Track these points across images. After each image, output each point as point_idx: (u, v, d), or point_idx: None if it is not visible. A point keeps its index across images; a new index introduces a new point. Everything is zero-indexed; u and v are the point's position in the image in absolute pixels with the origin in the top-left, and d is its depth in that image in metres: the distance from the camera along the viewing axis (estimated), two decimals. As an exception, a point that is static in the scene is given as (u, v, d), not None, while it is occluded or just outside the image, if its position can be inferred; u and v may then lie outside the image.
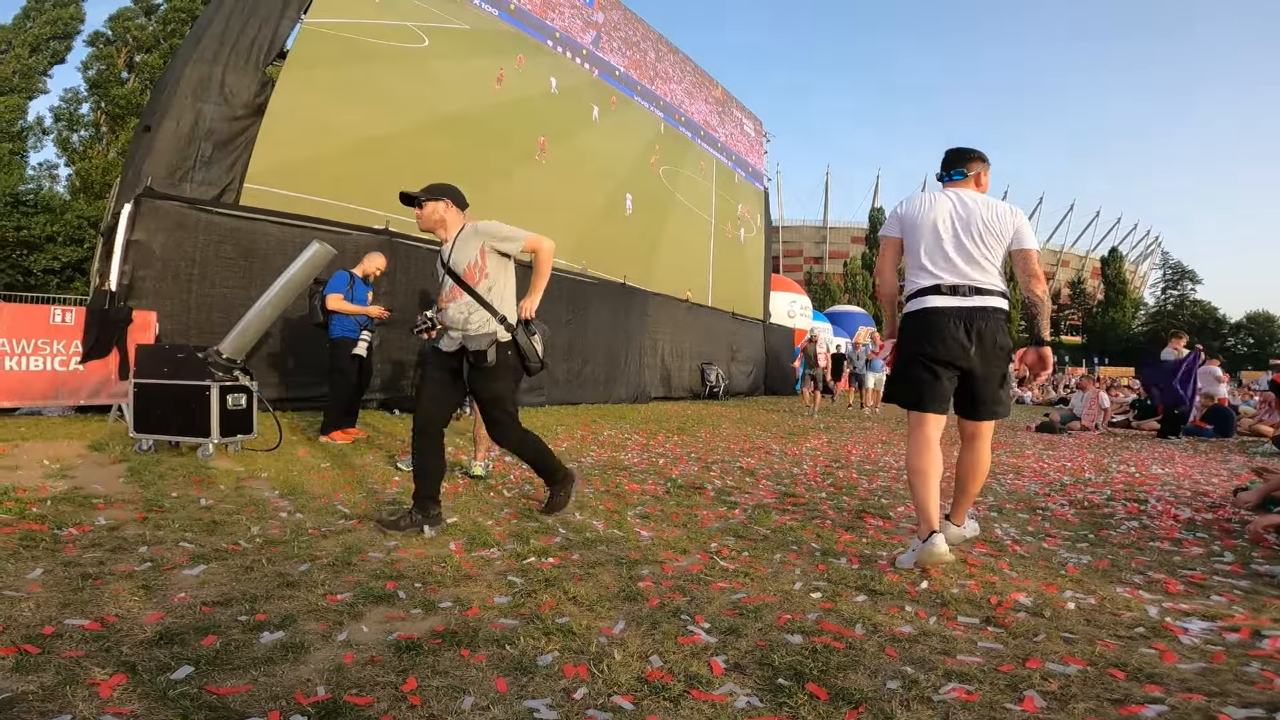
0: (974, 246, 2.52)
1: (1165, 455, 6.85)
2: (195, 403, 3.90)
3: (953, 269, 2.53)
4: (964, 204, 2.56)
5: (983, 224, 2.52)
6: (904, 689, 1.50)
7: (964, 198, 2.59)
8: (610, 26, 12.03)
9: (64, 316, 4.94)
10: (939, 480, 2.55)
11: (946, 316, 2.51)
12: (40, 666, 1.47)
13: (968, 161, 2.70)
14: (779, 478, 4.50)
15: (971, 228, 2.53)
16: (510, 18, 9.54)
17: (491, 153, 8.83)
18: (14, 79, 21.97)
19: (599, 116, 11.01)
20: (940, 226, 2.56)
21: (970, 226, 2.53)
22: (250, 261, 5.99)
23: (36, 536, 2.36)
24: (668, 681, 1.51)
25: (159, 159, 5.74)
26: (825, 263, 54.17)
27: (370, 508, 3.13)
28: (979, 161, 2.71)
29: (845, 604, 2.05)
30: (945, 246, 2.55)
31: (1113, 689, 1.52)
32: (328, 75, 6.95)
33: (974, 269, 2.52)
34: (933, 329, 2.53)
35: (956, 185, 2.67)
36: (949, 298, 2.52)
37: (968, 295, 2.51)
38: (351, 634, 1.72)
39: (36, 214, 18.82)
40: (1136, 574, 2.45)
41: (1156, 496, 4.12)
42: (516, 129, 9.35)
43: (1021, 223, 2.58)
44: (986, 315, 2.50)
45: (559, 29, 10.54)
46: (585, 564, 2.39)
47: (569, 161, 10.17)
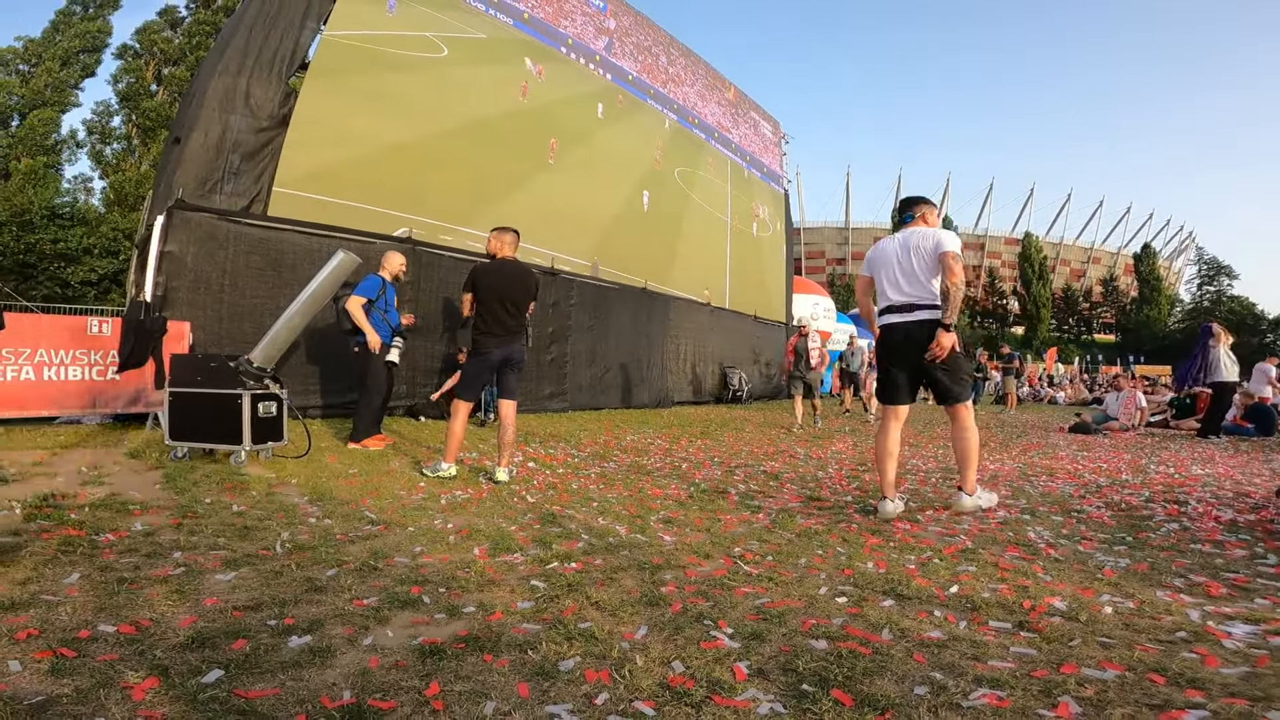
0: (914, 268, 3.32)
1: (1205, 455, 6.62)
2: (228, 411, 3.99)
3: (899, 291, 3.37)
4: (907, 239, 3.40)
5: (917, 249, 3.33)
6: (932, 694, 1.46)
7: (908, 235, 3.41)
8: (622, 32, 12.08)
9: (101, 327, 5.09)
10: (896, 457, 3.43)
11: (895, 330, 3.39)
12: (75, 670, 1.50)
13: (914, 206, 3.55)
14: (803, 481, 4.45)
15: (911, 254, 3.34)
16: (524, 26, 9.65)
17: (511, 158, 8.93)
18: (46, 92, 22.52)
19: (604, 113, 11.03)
20: (893, 260, 3.41)
21: (910, 254, 3.35)
22: (279, 271, 6.13)
23: (74, 542, 2.43)
24: (690, 687, 1.49)
25: (189, 171, 5.89)
26: (848, 264, 53.58)
27: (396, 513, 3.17)
28: (923, 204, 3.55)
29: (872, 609, 2.01)
30: (895, 273, 3.39)
31: (1152, 694, 1.47)
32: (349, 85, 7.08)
33: (914, 287, 3.32)
34: (887, 343, 3.44)
35: (908, 226, 3.48)
36: (897, 315, 3.38)
37: (910, 311, 3.33)
38: (377, 638, 1.74)
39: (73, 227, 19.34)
40: (1177, 577, 2.37)
41: (1197, 498, 3.98)
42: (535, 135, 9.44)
43: (941, 235, 3.33)
44: (924, 326, 3.27)
45: (572, 36, 10.62)
46: (608, 569, 2.39)
47: (582, 162, 10.24)
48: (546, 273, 8.58)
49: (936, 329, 3.20)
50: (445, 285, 7.30)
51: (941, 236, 3.31)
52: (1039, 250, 52.23)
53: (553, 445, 5.79)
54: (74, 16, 23.77)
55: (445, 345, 7.42)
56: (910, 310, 3.33)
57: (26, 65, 23.19)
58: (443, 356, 7.36)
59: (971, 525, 3.18)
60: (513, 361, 4.15)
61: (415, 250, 7.08)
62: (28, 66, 23.17)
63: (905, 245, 3.37)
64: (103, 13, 24.18)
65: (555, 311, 8.89)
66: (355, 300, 4.92)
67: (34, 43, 23.37)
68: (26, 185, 20.37)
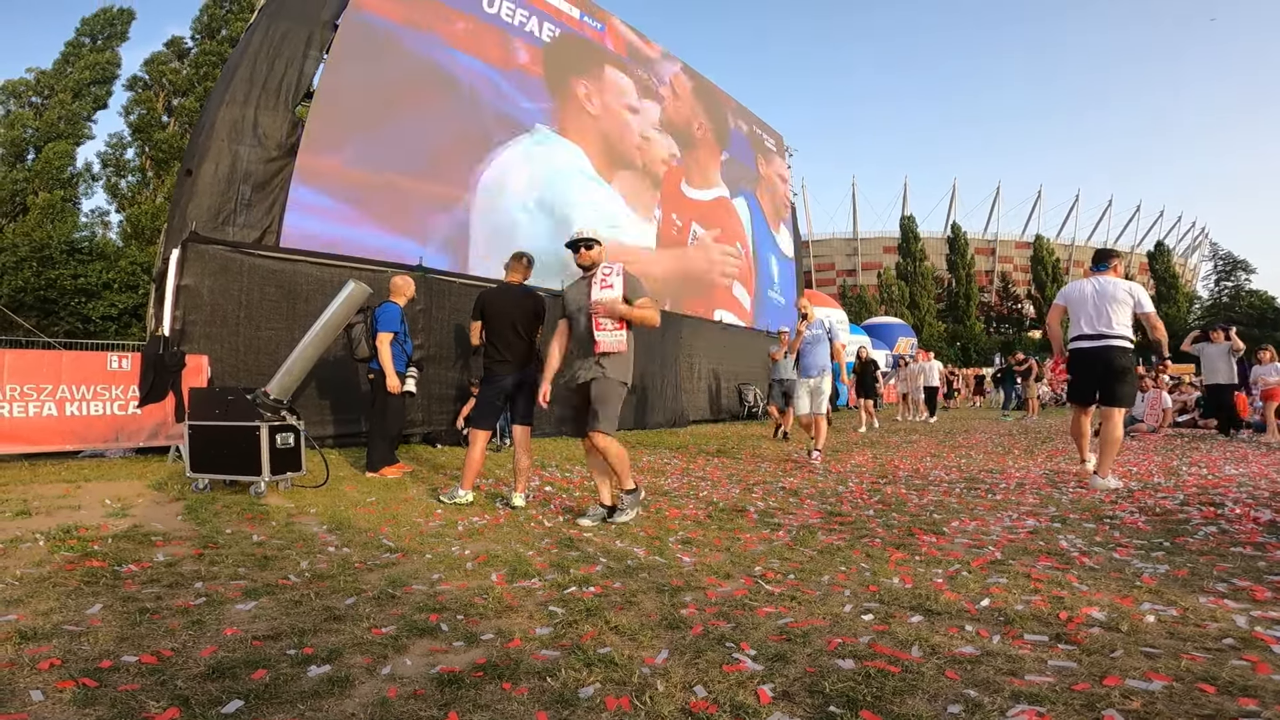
0: (1105, 310, 4.53)
1: (1238, 454, 6.43)
2: (246, 443, 4.02)
3: (1091, 325, 4.58)
4: (1101, 287, 4.60)
5: (1111, 297, 4.53)
6: (967, 713, 1.40)
7: (1103, 282, 4.61)
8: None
9: (120, 362, 5.18)
10: (1087, 435, 4.87)
11: (1086, 353, 4.60)
12: (97, 699, 1.50)
13: (1109, 258, 4.82)
14: (823, 496, 4.37)
15: (1104, 299, 4.55)
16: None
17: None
18: (60, 125, 22.74)
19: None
20: (1089, 300, 4.62)
21: (1103, 299, 4.55)
22: (293, 303, 6.20)
23: (97, 573, 2.44)
24: (712, 712, 1.45)
25: (201, 203, 5.99)
26: (859, 275, 53.42)
27: (414, 541, 3.15)
28: (1115, 257, 4.85)
29: (899, 625, 1.95)
30: (1090, 310, 4.59)
31: (1203, 704, 1.40)
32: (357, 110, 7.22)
33: (1103, 323, 4.53)
34: (1079, 360, 4.65)
35: (1103, 274, 4.68)
36: (1088, 341, 4.59)
37: (1098, 340, 4.54)
38: (395, 667, 1.72)
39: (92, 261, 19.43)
40: (1219, 582, 2.28)
41: (1233, 499, 3.86)
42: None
43: (1139, 294, 4.54)
44: (1108, 349, 4.50)
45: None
46: (627, 592, 2.35)
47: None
48: (556, 295, 8.61)
49: (1115, 353, 4.46)
50: (456, 312, 7.35)
51: (1139, 295, 4.52)
52: (1051, 253, 51.75)
53: (569, 469, 5.76)
54: (83, 48, 24.04)
55: (459, 372, 7.45)
56: (1099, 339, 4.53)
57: (39, 97, 23.51)
58: (456, 384, 7.38)
59: (1000, 536, 3.10)
60: (525, 387, 4.15)
61: (426, 278, 7.15)
62: (40, 99, 23.49)
63: (1100, 291, 4.57)
64: (111, 44, 24.41)
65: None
66: (385, 337, 4.86)
67: (45, 74, 23.65)
68: (45, 220, 20.55)
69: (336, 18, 7.18)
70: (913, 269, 49.51)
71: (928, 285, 49.32)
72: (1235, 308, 43.81)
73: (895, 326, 27.36)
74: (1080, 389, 4.71)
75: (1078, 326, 4.67)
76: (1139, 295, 4.51)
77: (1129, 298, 4.49)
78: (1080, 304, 4.65)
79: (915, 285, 48.89)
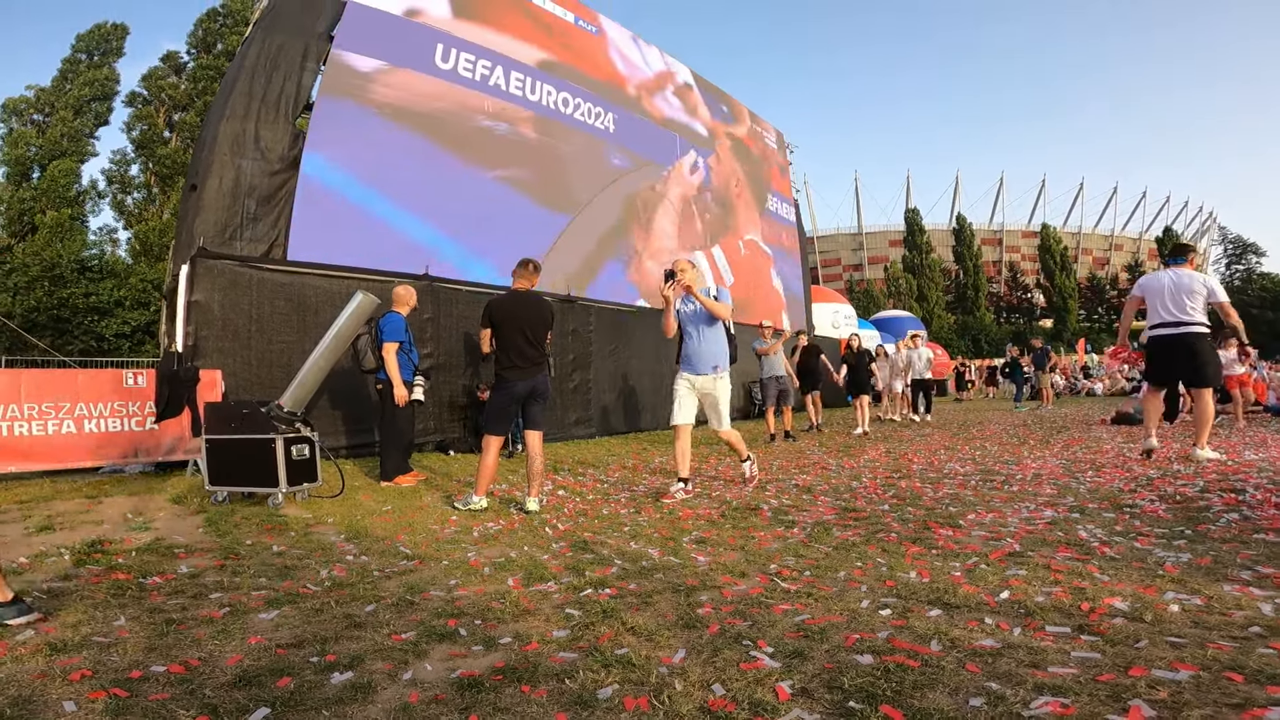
0: (1182, 300, 4.91)
1: (1257, 440, 6.34)
2: (262, 455, 4.06)
3: (1169, 313, 4.95)
4: (1178, 278, 4.98)
5: (1188, 289, 4.91)
6: (989, 706, 1.40)
7: (1179, 274, 5.00)
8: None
9: (136, 379, 5.24)
10: (1160, 412, 5.52)
11: (1165, 339, 4.99)
12: (129, 709, 1.53)
13: (1185, 251, 5.21)
14: (837, 493, 4.35)
15: (1180, 291, 4.93)
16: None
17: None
18: (63, 142, 22.75)
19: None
20: (1165, 291, 4.98)
21: (1179, 290, 4.93)
22: (303, 315, 6.24)
23: (124, 585, 2.48)
24: (731, 710, 1.45)
25: (208, 218, 6.02)
26: (865, 269, 53.14)
27: (430, 548, 3.17)
28: (1192, 251, 5.32)
29: (918, 619, 1.94)
30: (1166, 301, 4.96)
31: (1231, 693, 1.39)
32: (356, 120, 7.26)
33: (1181, 312, 4.91)
34: (1158, 346, 5.07)
35: (1179, 266, 5.07)
36: (1167, 329, 4.97)
37: (1176, 327, 4.92)
38: (416, 673, 1.73)
39: (102, 279, 19.64)
40: (1244, 569, 2.25)
41: (1254, 485, 3.80)
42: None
43: (1213, 284, 4.95)
44: (1186, 335, 4.89)
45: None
46: (642, 593, 2.35)
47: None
48: (564, 300, 8.63)
49: (1192, 340, 4.85)
50: (464, 320, 7.37)
51: (1213, 286, 4.93)
52: (1058, 241, 51.26)
53: (581, 472, 5.77)
54: (80, 64, 24.10)
55: (469, 379, 7.48)
56: (1176, 326, 4.92)
57: (40, 115, 23.61)
58: (466, 391, 7.42)
59: (1018, 527, 3.07)
60: (538, 393, 4.15)
61: (433, 287, 7.18)
62: (41, 116, 23.59)
63: (1176, 282, 4.95)
64: (108, 60, 24.46)
65: (575, 338, 8.92)
66: (391, 347, 4.90)
67: (45, 91, 23.73)
68: (54, 239, 20.67)
69: (332, 29, 7.22)
70: (919, 262, 49.18)
71: (935, 278, 48.98)
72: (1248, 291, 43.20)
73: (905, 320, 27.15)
74: (1159, 372, 5.20)
75: (1156, 315, 5.03)
76: (1213, 285, 4.93)
77: (1204, 288, 4.90)
78: (1158, 294, 5.01)
79: (922, 278, 48.56)
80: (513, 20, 9.26)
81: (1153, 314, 5.08)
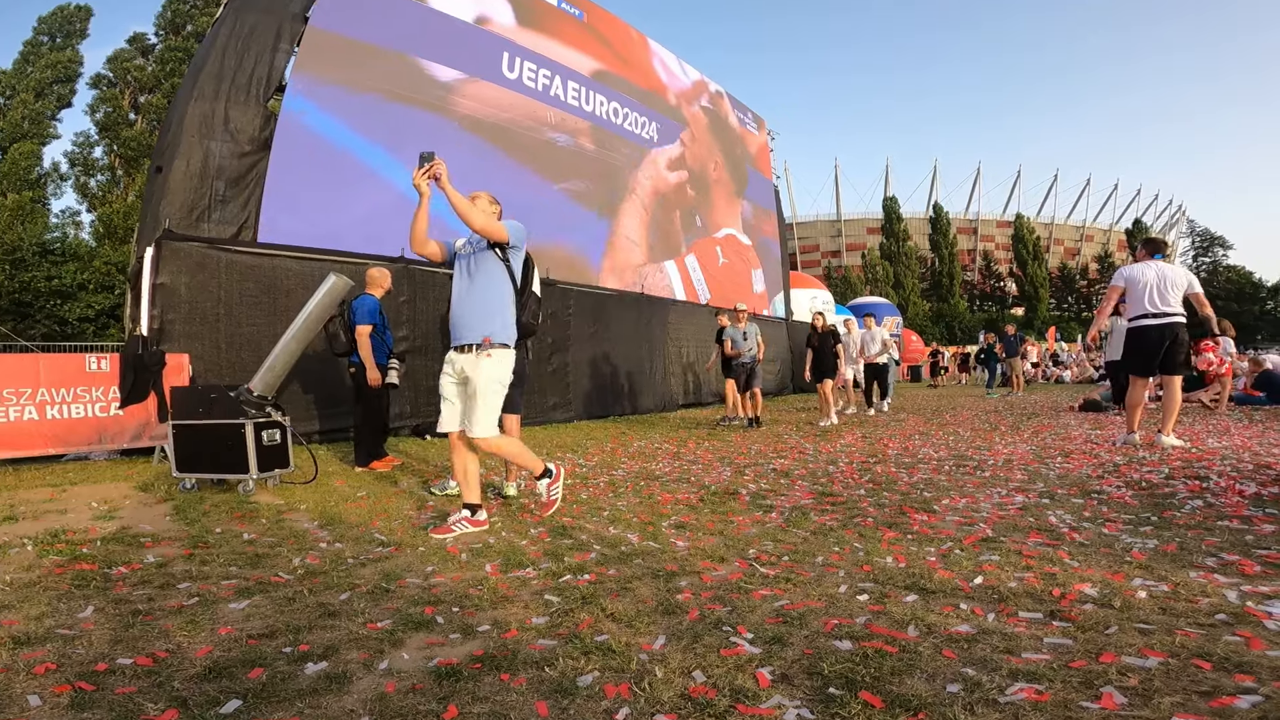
0: (1166, 292, 5.15)
1: (1220, 427, 6.55)
2: (232, 440, 3.96)
3: (1154, 304, 5.18)
4: (1161, 271, 5.21)
5: (1172, 282, 5.16)
6: (966, 692, 1.41)
7: (1162, 268, 5.24)
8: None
9: (99, 364, 5.07)
10: (1144, 406, 5.51)
11: (1150, 329, 5.20)
12: (95, 703, 1.48)
13: (1164, 247, 5.51)
14: (815, 477, 4.39)
15: (1165, 283, 5.16)
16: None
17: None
18: (24, 125, 22.30)
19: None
20: (1151, 282, 5.20)
21: (1164, 282, 5.16)
22: (273, 298, 6.10)
23: (88, 576, 2.40)
24: (712, 697, 1.45)
25: (174, 200, 5.85)
26: (843, 256, 53.62)
27: (406, 534, 3.12)
28: (1167, 246, 5.34)
29: (895, 605, 1.96)
30: (1151, 292, 5.18)
31: (1199, 680, 1.42)
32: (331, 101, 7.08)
33: (1164, 304, 5.15)
34: (1142, 336, 5.24)
35: (1160, 261, 5.31)
36: (1151, 320, 5.19)
37: (1160, 318, 5.16)
38: (392, 662, 1.70)
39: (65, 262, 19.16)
40: (1208, 556, 2.31)
41: (1218, 472, 3.92)
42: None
43: (1190, 278, 5.21)
44: (1173, 325, 5.14)
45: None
46: (621, 579, 2.34)
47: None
48: (543, 283, 8.54)
49: (1176, 330, 5.12)
50: (440, 303, 7.27)
51: (1191, 279, 5.22)
52: (1031, 231, 52.23)
53: (560, 456, 5.75)
54: (42, 46, 23.51)
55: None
56: (1160, 317, 5.15)
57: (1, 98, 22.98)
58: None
59: (991, 513, 3.13)
60: (516, 377, 4.10)
61: (409, 269, 7.05)
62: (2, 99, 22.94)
63: (1160, 275, 5.18)
64: (70, 42, 23.88)
65: (554, 322, 8.85)
66: (364, 329, 4.81)
67: (5, 74, 23.13)
68: (15, 222, 20.18)
69: (306, 10, 6.99)
70: (896, 249, 49.74)
71: (911, 265, 49.61)
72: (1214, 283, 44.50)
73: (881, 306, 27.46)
74: (1143, 362, 5.30)
75: (1140, 306, 5.22)
76: (1191, 279, 5.24)
77: (1184, 281, 5.19)
78: (1144, 286, 5.20)
79: (899, 265, 49.16)
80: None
81: (1136, 305, 5.26)
